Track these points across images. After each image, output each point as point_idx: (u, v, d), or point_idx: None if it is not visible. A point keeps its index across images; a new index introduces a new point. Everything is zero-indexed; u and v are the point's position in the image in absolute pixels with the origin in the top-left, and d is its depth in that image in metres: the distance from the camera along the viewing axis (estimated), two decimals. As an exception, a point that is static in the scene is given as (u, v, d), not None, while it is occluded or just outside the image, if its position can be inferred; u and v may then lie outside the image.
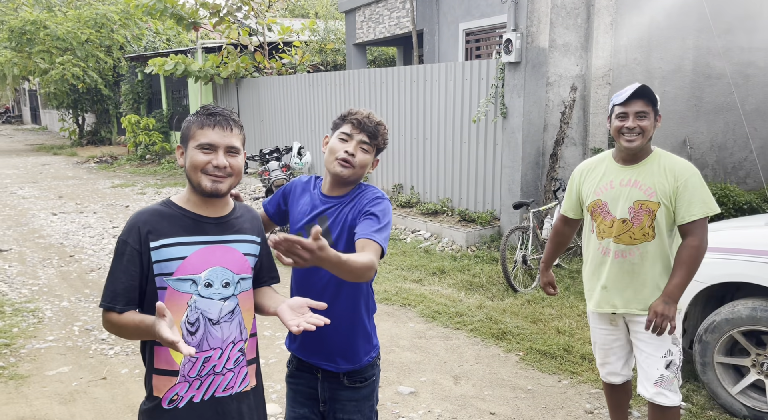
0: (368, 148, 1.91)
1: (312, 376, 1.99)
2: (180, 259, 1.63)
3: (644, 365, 2.50)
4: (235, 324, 1.71)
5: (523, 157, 6.18)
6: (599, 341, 2.71)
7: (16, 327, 4.44)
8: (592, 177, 2.57)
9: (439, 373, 3.70)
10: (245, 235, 1.76)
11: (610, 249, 2.49)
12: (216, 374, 1.69)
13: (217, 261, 1.67)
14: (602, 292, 2.55)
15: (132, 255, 1.61)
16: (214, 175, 1.63)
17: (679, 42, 6.69)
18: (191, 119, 1.67)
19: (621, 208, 2.44)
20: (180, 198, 1.72)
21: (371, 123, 1.90)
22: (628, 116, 2.37)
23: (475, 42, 9.88)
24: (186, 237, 1.65)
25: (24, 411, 3.28)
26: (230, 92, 12.53)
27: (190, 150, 1.65)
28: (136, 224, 1.64)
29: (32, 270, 5.97)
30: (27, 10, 16.49)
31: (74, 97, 17.82)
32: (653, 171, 2.42)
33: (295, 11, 23.90)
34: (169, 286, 1.62)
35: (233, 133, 1.66)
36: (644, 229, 2.42)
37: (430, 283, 5.44)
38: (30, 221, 8.24)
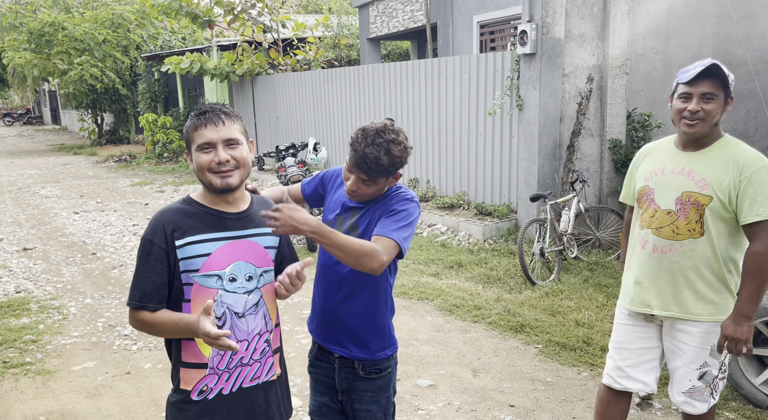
0: (370, 182, 1.85)
1: (330, 365, 2.04)
2: (205, 255, 1.66)
3: (677, 373, 2.29)
4: (260, 316, 1.76)
5: (540, 149, 6.13)
6: (626, 340, 2.37)
7: (42, 323, 4.55)
8: (649, 161, 2.32)
9: (457, 366, 3.71)
10: (265, 228, 1.77)
11: (648, 241, 2.25)
12: (243, 365, 1.73)
13: (240, 255, 1.71)
14: (636, 288, 2.30)
15: (159, 254, 1.64)
16: (220, 171, 1.65)
17: (698, 29, 6.58)
18: (187, 124, 1.71)
19: (667, 197, 2.19)
20: (199, 195, 1.75)
21: (370, 160, 1.79)
22: (691, 97, 2.08)
23: (490, 34, 9.82)
24: (210, 233, 1.68)
25: (52, 405, 3.36)
26: (245, 89, 12.61)
27: (193, 153, 1.69)
28: (160, 223, 1.66)
29: (56, 268, 6.09)
30: (45, 11, 16.74)
31: (93, 97, 18.08)
32: (714, 160, 2.13)
33: (308, 7, 23.93)
34: (195, 283, 1.66)
35: (226, 125, 1.67)
36: (690, 224, 2.14)
37: (448, 277, 5.44)
38: (53, 220, 8.40)
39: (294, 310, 4.74)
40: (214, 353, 1.70)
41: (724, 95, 2.09)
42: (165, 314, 1.64)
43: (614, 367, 2.40)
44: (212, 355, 1.70)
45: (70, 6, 17.66)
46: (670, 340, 2.30)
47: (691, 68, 2.10)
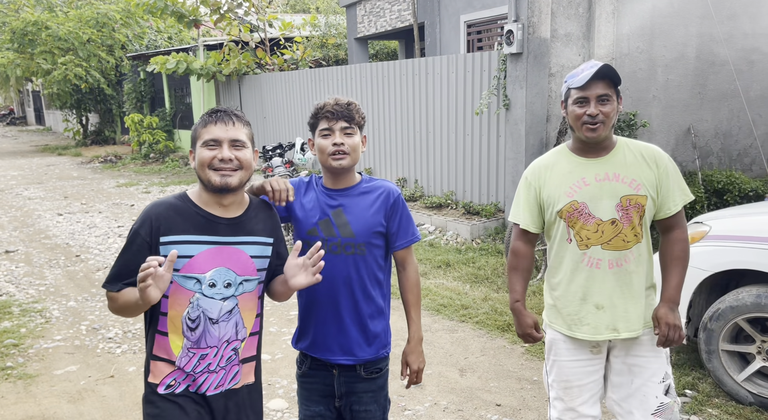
0: (352, 130, 1.92)
1: (328, 373, 2.00)
2: (187, 257, 1.65)
3: (639, 394, 2.08)
4: (232, 324, 1.73)
5: (527, 148, 6.15)
6: (573, 378, 2.13)
7: (24, 327, 4.48)
8: (554, 177, 2.10)
9: (444, 366, 3.71)
10: (255, 236, 1.76)
11: (600, 259, 2.04)
12: (210, 372, 1.72)
13: (223, 262, 1.69)
14: (598, 314, 2.07)
15: (141, 245, 1.65)
16: (221, 168, 1.65)
17: (682, 29, 6.63)
18: (197, 122, 1.73)
19: (605, 207, 2.03)
20: (195, 193, 1.73)
21: (343, 108, 1.90)
22: (588, 101, 1.98)
23: (477, 34, 9.84)
24: (196, 236, 1.67)
25: (33, 410, 3.31)
26: (232, 89, 12.53)
27: (197, 149, 1.69)
28: (149, 216, 1.67)
29: (39, 270, 6.01)
30: (28, 10, 16.53)
31: (77, 98, 17.88)
32: (629, 160, 2.06)
33: (296, 6, 23.85)
34: (174, 281, 1.66)
35: (236, 126, 1.68)
36: (635, 229, 2.04)
37: (435, 277, 5.44)
38: (36, 222, 8.29)
39: (281, 311, 4.71)
40: (183, 354, 1.70)
41: (616, 95, 2.02)
42: (127, 291, 1.66)
43: (565, 408, 2.16)
44: (181, 355, 1.70)
45: (53, 5, 17.44)
46: (623, 359, 2.11)
47: (580, 72, 2.02)
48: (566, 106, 2.07)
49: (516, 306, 2.21)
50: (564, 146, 2.16)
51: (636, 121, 6.36)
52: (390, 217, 1.96)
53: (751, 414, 3.00)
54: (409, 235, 2.01)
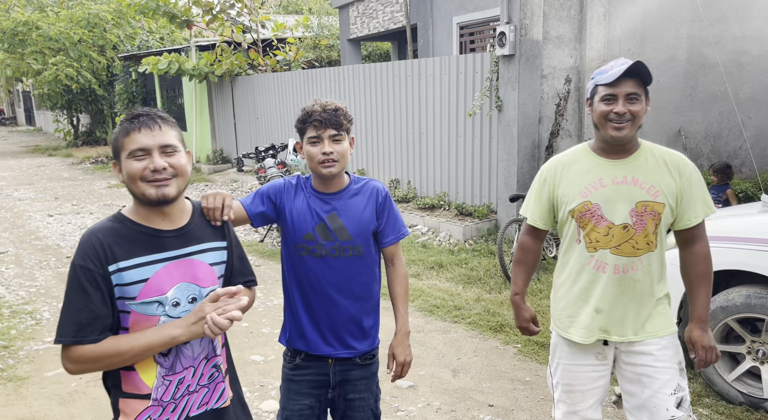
0: (340, 137, 1.91)
1: (322, 363, 2.00)
2: (142, 281, 1.48)
3: (650, 405, 2.00)
4: (207, 339, 1.60)
5: (519, 149, 6.18)
6: (576, 383, 2.10)
7: (14, 329, 4.44)
8: (570, 175, 2.06)
9: (437, 367, 3.71)
10: (208, 242, 1.62)
11: (606, 263, 2.00)
12: (190, 393, 1.59)
13: (182, 277, 1.54)
14: (594, 316, 2.04)
15: (95, 280, 1.45)
16: (156, 179, 1.48)
17: (673, 32, 6.69)
18: (117, 130, 1.53)
19: (620, 211, 1.97)
20: (131, 211, 1.56)
21: (331, 115, 1.89)
22: (616, 99, 1.92)
23: (469, 35, 9.87)
24: (146, 256, 1.50)
25: (23, 412, 3.28)
26: (225, 90, 12.50)
27: (123, 161, 1.50)
28: (91, 245, 1.47)
29: (29, 272, 5.96)
30: (18, 10, 16.41)
31: (68, 98, 17.76)
32: (651, 166, 1.99)
33: (288, 8, 23.82)
34: (133, 311, 1.49)
35: (163, 130, 1.50)
36: (648, 237, 1.97)
37: (428, 278, 5.45)
38: (26, 223, 8.22)
39: (273, 312, 4.70)
40: (159, 383, 1.53)
41: (645, 95, 1.95)
42: (120, 338, 1.46)
43: (568, 412, 2.14)
44: (156, 385, 1.53)
45: (44, 5, 17.32)
46: (630, 368, 2.05)
47: (609, 68, 1.96)
48: (591, 103, 2.00)
49: (515, 299, 2.22)
50: (586, 145, 2.10)
51: (627, 122, 6.40)
52: (380, 214, 2.01)
53: (741, 414, 3.02)
54: (398, 231, 2.06)
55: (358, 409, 2.04)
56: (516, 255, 2.26)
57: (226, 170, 12.28)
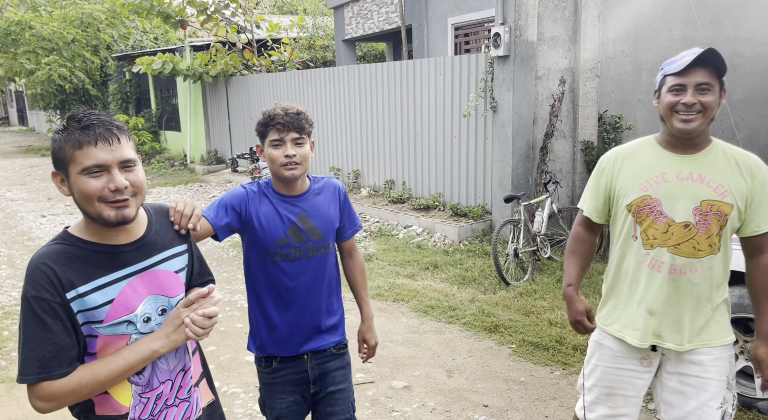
0: (302, 140, 1.93)
1: (298, 361, 2.02)
2: (107, 303, 1.37)
3: (693, 417, 1.92)
4: (182, 350, 1.55)
5: (514, 150, 6.19)
6: (617, 387, 2.02)
7: (7, 330, 4.41)
8: (631, 167, 1.96)
9: (432, 367, 3.71)
10: (169, 249, 1.53)
11: (663, 262, 1.89)
12: (169, 407, 1.52)
13: (149, 290, 1.45)
14: (648, 318, 1.93)
15: (54, 310, 1.31)
16: (116, 200, 1.34)
17: (666, 33, 6.72)
18: (61, 138, 1.34)
19: (682, 208, 1.85)
20: (80, 229, 1.41)
21: (293, 119, 1.90)
22: (685, 89, 1.80)
23: (464, 36, 9.89)
24: (107, 276, 1.38)
25: (16, 413, 3.26)
26: (219, 90, 12.47)
27: (74, 177, 1.33)
28: (42, 273, 1.32)
29: (22, 273, 5.92)
30: (11, 10, 16.33)
31: (61, 98, 17.68)
32: (721, 164, 1.87)
33: (283, 8, 23.79)
34: (100, 335, 1.38)
35: (122, 143, 1.35)
36: (711, 238, 1.85)
37: (423, 278, 5.45)
38: (19, 224, 8.17)
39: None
40: (136, 402, 1.45)
41: (720, 86, 1.83)
42: (94, 364, 1.36)
43: (606, 415, 2.05)
44: (133, 403, 1.45)
45: (37, 5, 17.25)
46: (675, 377, 1.95)
47: (680, 58, 1.84)
48: (659, 95, 1.90)
49: (568, 290, 2.10)
50: (651, 137, 1.99)
51: (621, 123, 6.43)
52: (342, 211, 2.08)
53: (734, 413, 3.04)
54: (355, 225, 2.14)
55: (339, 402, 2.07)
56: (569, 245, 2.18)
57: (220, 171, 12.24)
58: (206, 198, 9.83)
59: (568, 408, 3.20)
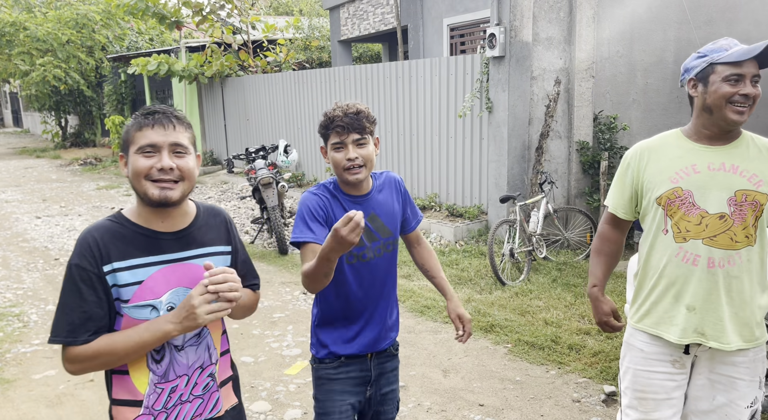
0: (364, 141, 1.87)
1: (363, 359, 1.99)
2: (136, 283, 1.45)
3: (720, 413, 1.90)
4: (203, 347, 1.57)
5: (509, 151, 6.21)
6: (649, 390, 1.94)
7: (1, 332, 4.39)
8: (659, 160, 1.91)
9: (428, 367, 3.72)
10: (209, 247, 1.58)
11: (698, 255, 1.83)
12: (183, 403, 1.54)
13: (179, 281, 1.50)
14: (687, 316, 1.86)
15: (91, 280, 1.41)
16: (161, 180, 1.44)
17: (661, 34, 6.75)
18: (130, 123, 1.50)
19: (715, 199, 1.81)
20: (131, 211, 1.52)
21: (352, 120, 1.84)
22: (743, 80, 1.76)
23: (460, 37, 9.91)
24: (141, 258, 1.46)
25: (11, 415, 3.25)
26: (215, 91, 12.45)
27: (131, 156, 1.46)
28: (87, 244, 1.43)
29: (16, 274, 5.90)
30: (6, 11, 16.26)
31: (56, 99, 17.62)
32: (752, 154, 1.83)
33: (279, 9, 23.78)
34: (125, 315, 1.45)
35: (177, 130, 1.47)
36: (747, 230, 1.80)
37: (419, 278, 5.45)
38: (13, 225, 8.14)
39: (263, 314, 4.69)
40: (151, 390, 1.49)
41: None
42: (113, 335, 1.42)
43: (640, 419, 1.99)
44: (148, 392, 1.49)
45: (32, 5, 17.19)
46: (707, 375, 1.91)
47: (728, 46, 1.80)
48: (706, 84, 1.82)
49: (593, 291, 2.09)
50: (677, 130, 1.95)
51: (616, 124, 6.45)
52: (404, 204, 2.07)
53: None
54: (418, 215, 2.14)
55: (389, 402, 2.07)
56: (594, 244, 2.14)
57: (216, 172, 12.23)
58: (201, 199, 9.81)
59: (563, 407, 3.20)
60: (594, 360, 3.66)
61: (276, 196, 6.42)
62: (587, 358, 3.69)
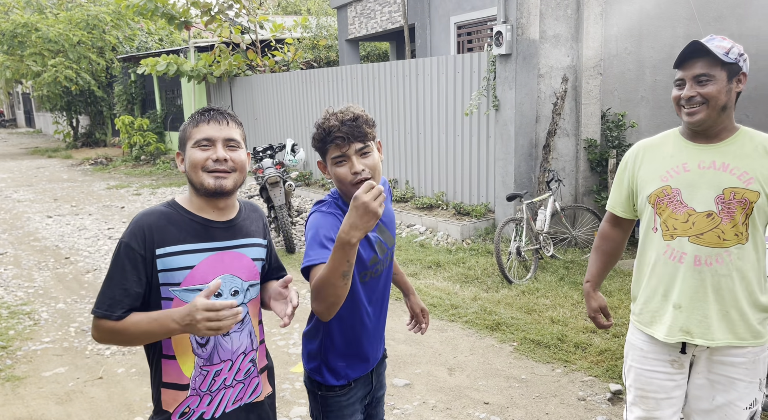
0: (368, 149, 1.68)
1: (365, 372, 1.90)
2: (188, 268, 1.53)
3: (720, 413, 1.88)
4: (246, 333, 1.65)
5: (516, 149, 6.19)
6: (649, 389, 1.95)
7: (12, 329, 4.45)
8: (653, 159, 1.93)
9: (433, 365, 3.72)
10: (253, 238, 1.68)
11: (686, 252, 1.84)
12: (227, 387, 1.62)
13: (226, 268, 1.59)
14: (675, 313, 1.87)
15: (135, 260, 1.50)
16: (216, 170, 1.54)
17: (670, 31, 6.70)
18: (186, 122, 1.62)
19: (702, 197, 1.81)
20: (185, 200, 1.62)
21: (352, 127, 1.64)
22: (685, 83, 1.81)
23: (467, 35, 9.88)
24: (194, 244, 1.55)
25: (21, 412, 3.29)
26: (223, 91, 12.51)
27: (189, 150, 1.57)
28: (140, 227, 1.52)
29: (28, 273, 5.97)
30: (18, 12, 16.44)
31: (67, 100, 17.79)
32: (747, 151, 1.81)
33: (287, 8, 23.84)
34: (176, 297, 1.53)
35: (230, 126, 1.59)
36: (737, 227, 1.79)
37: (426, 277, 5.45)
38: (25, 224, 8.24)
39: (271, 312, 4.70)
40: (197, 373, 1.58)
41: (726, 74, 1.77)
42: (136, 315, 1.49)
43: (642, 417, 1.99)
44: (194, 375, 1.57)
45: (43, 7, 17.36)
46: (705, 374, 1.90)
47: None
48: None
49: (585, 287, 2.17)
50: (676, 129, 1.96)
51: (624, 121, 6.41)
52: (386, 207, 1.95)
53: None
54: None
55: (380, 403, 2.03)
56: (595, 241, 2.19)
57: (225, 171, 12.28)
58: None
59: (568, 405, 3.20)
60: (600, 358, 3.65)
61: (283, 195, 6.44)
62: (593, 357, 3.68)
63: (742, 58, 1.82)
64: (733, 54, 1.79)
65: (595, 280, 2.14)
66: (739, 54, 1.80)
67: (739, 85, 1.81)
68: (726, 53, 1.78)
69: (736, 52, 1.80)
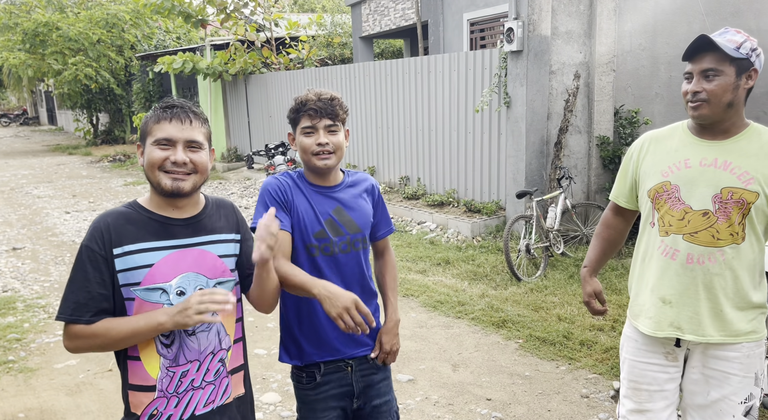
0: (336, 128, 1.81)
1: (342, 373, 1.89)
2: (147, 266, 1.50)
3: (715, 408, 1.87)
4: (213, 333, 1.59)
5: (527, 146, 6.15)
6: (642, 381, 1.95)
7: (27, 322, 4.56)
8: (657, 152, 1.91)
9: (438, 361, 3.73)
10: (219, 234, 1.62)
11: (679, 250, 1.83)
12: (195, 389, 1.57)
13: (189, 266, 1.55)
14: (662, 308, 1.87)
15: (97, 261, 1.48)
16: (173, 171, 1.50)
17: (685, 26, 6.59)
18: (149, 114, 1.56)
19: (700, 195, 1.79)
20: (146, 200, 1.60)
21: (326, 104, 1.78)
22: (692, 76, 1.78)
23: (480, 32, 9.84)
24: (153, 242, 1.52)
25: (32, 402, 3.38)
26: (239, 88, 12.62)
27: (148, 147, 1.53)
28: (99, 228, 1.50)
29: (44, 267, 6.10)
30: (39, 11, 16.75)
31: (87, 98, 18.10)
32: (751, 150, 1.77)
33: (303, 6, 23.93)
34: (137, 297, 1.50)
35: (193, 126, 1.53)
36: (732, 227, 1.77)
37: (434, 274, 5.45)
38: (44, 220, 8.41)
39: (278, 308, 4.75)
40: (163, 374, 1.54)
41: (735, 69, 1.73)
42: (113, 320, 1.48)
43: (633, 410, 1.99)
44: (160, 376, 1.53)
45: (64, 6, 17.67)
46: (700, 369, 1.89)
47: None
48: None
49: (582, 272, 2.19)
50: (684, 122, 1.93)
51: (638, 118, 6.34)
52: (375, 207, 1.97)
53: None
54: (389, 225, 2.05)
55: (384, 415, 1.96)
56: (597, 228, 2.19)
57: (240, 168, 12.40)
58: (224, 195, 9.97)
59: (571, 402, 3.18)
60: (605, 356, 3.62)
61: (294, 192, 6.48)
62: (598, 354, 3.66)
63: (755, 53, 1.77)
64: (744, 49, 1.75)
65: (593, 266, 2.16)
66: (751, 49, 1.76)
67: (749, 81, 1.77)
68: (737, 48, 1.74)
69: (749, 47, 1.75)
